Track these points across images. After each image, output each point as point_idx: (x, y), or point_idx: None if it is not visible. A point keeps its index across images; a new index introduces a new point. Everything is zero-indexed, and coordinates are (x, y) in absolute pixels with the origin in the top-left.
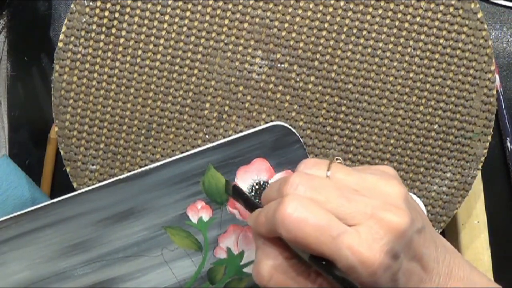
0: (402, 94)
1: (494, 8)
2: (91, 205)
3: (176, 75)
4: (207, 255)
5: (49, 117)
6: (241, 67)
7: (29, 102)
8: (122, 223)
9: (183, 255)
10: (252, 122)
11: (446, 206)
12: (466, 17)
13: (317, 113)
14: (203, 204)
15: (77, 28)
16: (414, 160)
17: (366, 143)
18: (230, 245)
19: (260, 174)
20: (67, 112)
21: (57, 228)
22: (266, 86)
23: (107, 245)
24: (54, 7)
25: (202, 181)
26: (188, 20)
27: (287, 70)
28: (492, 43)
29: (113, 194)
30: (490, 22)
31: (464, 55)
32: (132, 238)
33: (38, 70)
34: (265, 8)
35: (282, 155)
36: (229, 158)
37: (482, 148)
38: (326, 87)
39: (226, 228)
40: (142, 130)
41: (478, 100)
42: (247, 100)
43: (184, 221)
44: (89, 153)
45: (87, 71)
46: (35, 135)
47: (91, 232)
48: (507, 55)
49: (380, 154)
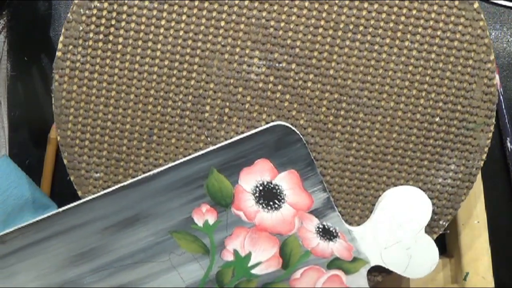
0: (402, 88)
1: (494, 8)
2: (96, 213)
3: (175, 79)
4: (215, 258)
5: (49, 117)
6: (239, 68)
7: (29, 102)
8: (128, 230)
9: (190, 259)
10: (253, 122)
11: (452, 198)
12: (462, 8)
13: (317, 111)
14: (208, 207)
15: (75, 36)
16: (417, 153)
17: (368, 139)
18: (236, 247)
19: (263, 175)
20: (69, 121)
21: (63, 238)
22: (265, 86)
23: (114, 252)
24: (54, 7)
25: (205, 184)
26: (185, 24)
27: (285, 69)
28: (492, 43)
29: (117, 201)
30: (490, 22)
31: (462, 46)
32: (139, 245)
33: (38, 70)
34: (261, 8)
35: (284, 155)
36: (232, 160)
37: (485, 139)
38: (325, 84)
39: (232, 230)
40: (144, 136)
41: (479, 91)
42: (247, 101)
43: (190, 225)
44: (92, 161)
45: (87, 79)
46: (35, 135)
47: (98, 240)
48: (507, 55)
49: (383, 149)
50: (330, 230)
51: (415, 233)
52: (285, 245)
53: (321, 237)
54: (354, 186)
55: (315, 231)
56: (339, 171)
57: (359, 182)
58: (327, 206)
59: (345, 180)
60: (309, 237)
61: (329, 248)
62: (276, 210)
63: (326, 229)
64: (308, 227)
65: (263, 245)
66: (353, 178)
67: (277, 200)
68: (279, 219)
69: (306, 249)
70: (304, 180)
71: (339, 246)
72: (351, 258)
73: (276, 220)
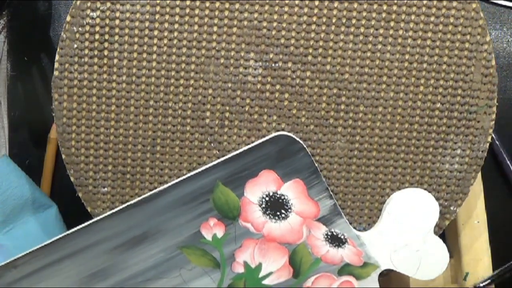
0: (400, 77)
1: (494, 8)
2: (105, 233)
3: (173, 88)
4: (225, 271)
5: (49, 117)
6: (236, 72)
7: (29, 102)
8: (138, 248)
9: (201, 273)
10: (254, 124)
11: (460, 183)
12: None
13: (317, 107)
14: (215, 221)
15: (70, 55)
16: (421, 141)
17: (371, 131)
18: (246, 259)
19: (269, 186)
20: (72, 139)
21: (74, 260)
22: (264, 87)
23: (126, 271)
24: (54, 7)
25: (211, 198)
26: (177, 32)
27: (282, 68)
28: (492, 43)
29: (126, 220)
30: (490, 22)
31: (457, 30)
32: (149, 262)
33: (38, 70)
34: (252, 10)
35: (288, 164)
36: (236, 173)
37: (488, 121)
38: (323, 80)
39: (241, 242)
40: (147, 147)
41: (478, 73)
42: (246, 103)
43: (199, 239)
44: (99, 176)
45: (86, 96)
46: (35, 135)
47: (108, 260)
48: (507, 55)
49: (387, 139)
50: (338, 237)
51: (424, 235)
52: (295, 254)
53: (330, 244)
54: (361, 179)
55: (324, 238)
56: (345, 165)
57: (366, 175)
58: (334, 213)
59: (351, 174)
60: (318, 244)
61: (339, 255)
62: (284, 220)
63: (334, 236)
64: (317, 234)
65: (273, 255)
66: (359, 172)
67: (284, 210)
68: (287, 228)
69: (316, 257)
70: (310, 188)
71: (348, 252)
72: (361, 263)
73: (284, 229)
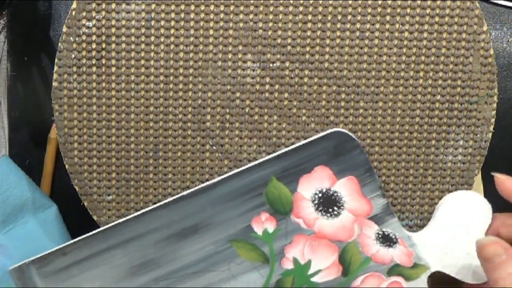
0: (398, 71)
1: (494, 8)
2: (157, 222)
3: (173, 93)
4: (274, 267)
5: (49, 117)
6: (234, 74)
7: (29, 102)
8: (189, 239)
9: (250, 268)
10: (255, 125)
11: (464, 174)
12: None
13: (317, 105)
14: (267, 215)
15: (68, 65)
16: (424, 134)
17: (372, 126)
18: (296, 255)
19: (323, 182)
20: (74, 149)
21: (126, 248)
22: (263, 88)
23: (176, 262)
24: (54, 7)
25: (265, 192)
26: (174, 37)
27: (280, 68)
28: (492, 43)
29: (178, 211)
30: (490, 22)
31: (454, 21)
32: (200, 254)
33: (38, 70)
34: (247, 12)
35: (343, 161)
36: (291, 167)
37: (490, 110)
38: (322, 78)
39: (291, 238)
40: (150, 153)
41: (477, 63)
42: (246, 105)
43: (249, 233)
44: (103, 184)
45: (86, 105)
46: (35, 135)
47: (159, 250)
48: (507, 55)
49: (389, 134)
50: (389, 236)
51: (476, 238)
52: (345, 252)
53: (381, 243)
54: None
55: (375, 237)
56: None
57: None
58: (386, 212)
59: None
60: (369, 243)
61: (389, 255)
62: (336, 217)
63: (385, 235)
64: (368, 233)
65: (323, 253)
66: None
67: (336, 207)
68: (339, 226)
69: (366, 256)
70: (363, 186)
71: (399, 253)
72: (412, 264)
73: (335, 227)
